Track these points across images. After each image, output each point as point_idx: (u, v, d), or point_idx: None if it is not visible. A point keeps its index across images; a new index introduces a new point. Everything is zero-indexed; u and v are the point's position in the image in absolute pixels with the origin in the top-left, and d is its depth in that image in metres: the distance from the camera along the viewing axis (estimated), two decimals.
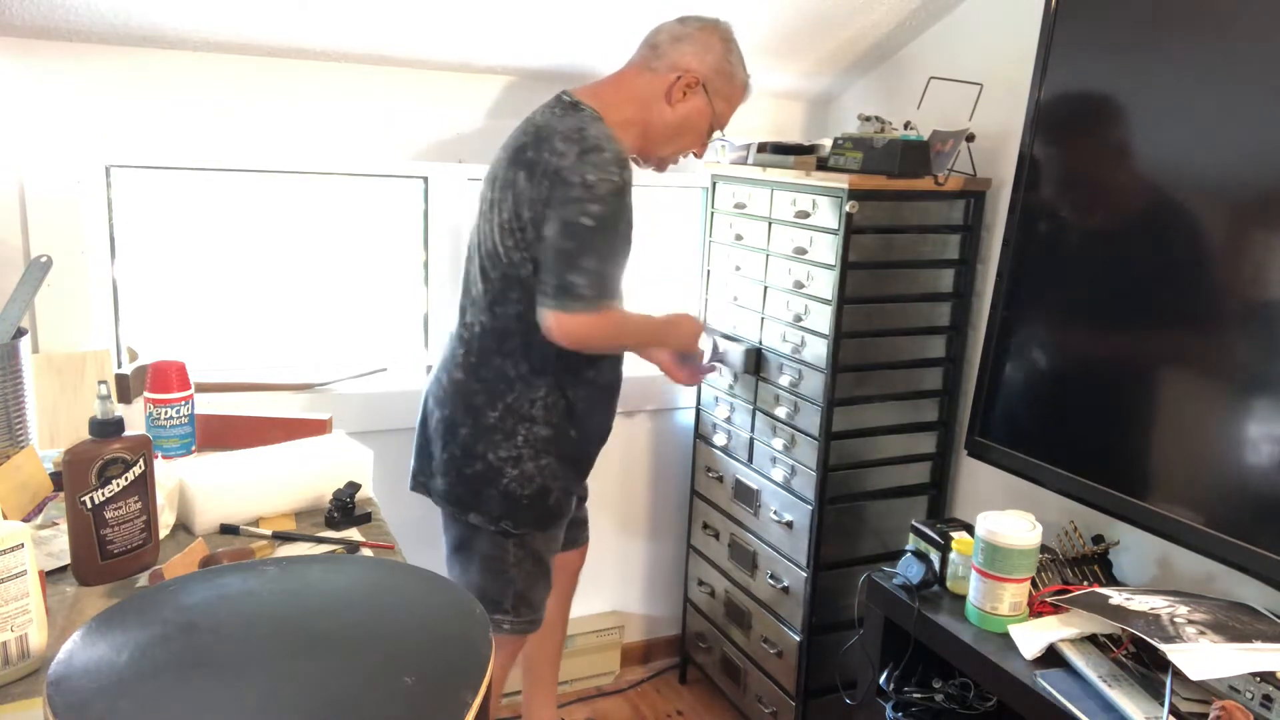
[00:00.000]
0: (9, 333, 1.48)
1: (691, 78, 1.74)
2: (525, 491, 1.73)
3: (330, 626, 0.82)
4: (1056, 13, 1.84)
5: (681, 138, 1.79)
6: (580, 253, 1.59)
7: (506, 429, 1.72)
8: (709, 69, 1.75)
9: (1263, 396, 1.50)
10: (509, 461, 1.72)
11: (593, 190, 1.58)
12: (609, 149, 1.61)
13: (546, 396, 1.73)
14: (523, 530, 1.77)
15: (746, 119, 2.55)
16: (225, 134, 2.04)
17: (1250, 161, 1.52)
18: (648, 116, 1.75)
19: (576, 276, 1.60)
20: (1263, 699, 1.31)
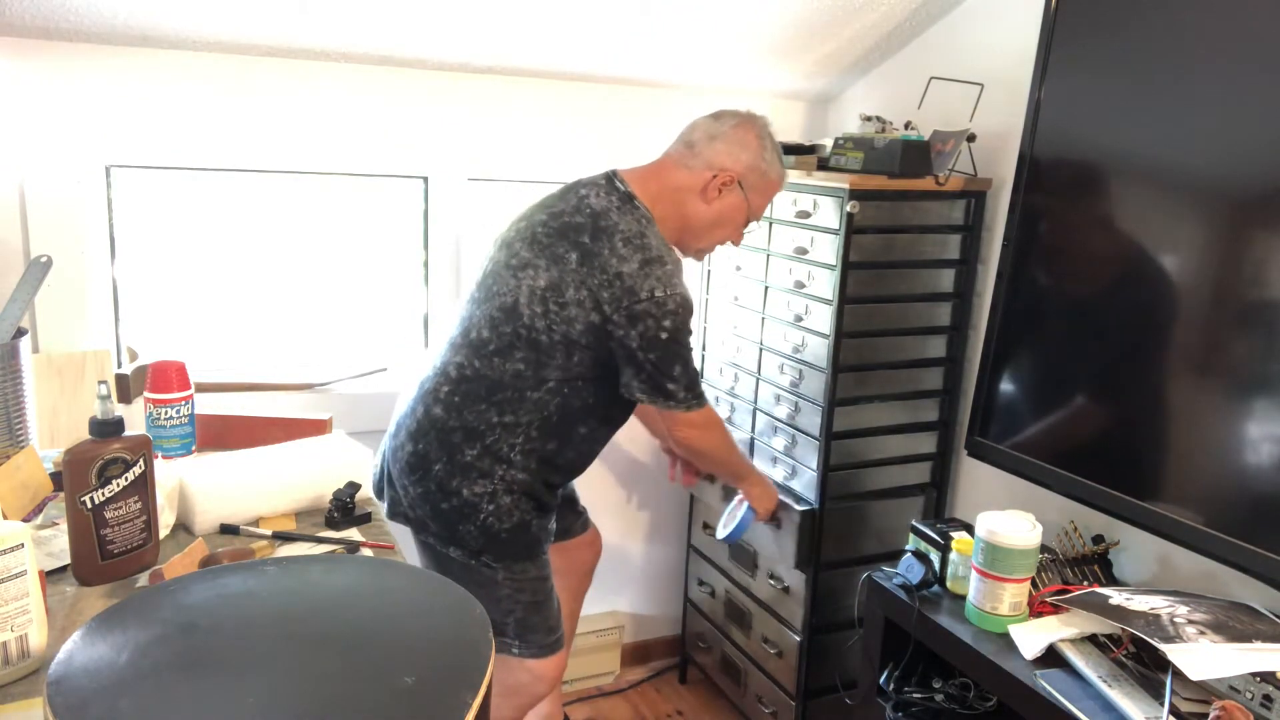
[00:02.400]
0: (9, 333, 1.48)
1: (727, 176, 1.75)
2: (504, 525, 1.70)
3: (330, 626, 0.82)
4: (1056, 13, 1.83)
5: (717, 230, 1.81)
6: (668, 363, 1.68)
7: (483, 468, 1.68)
8: (744, 166, 1.76)
9: (1262, 396, 1.50)
10: (484, 497, 1.68)
11: (664, 306, 1.64)
12: (669, 260, 1.68)
13: (526, 445, 1.70)
14: (503, 562, 1.72)
15: None
16: (225, 134, 2.04)
17: (1251, 160, 1.52)
18: (685, 212, 1.78)
19: (672, 385, 1.70)
20: (1263, 699, 1.31)
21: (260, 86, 2.05)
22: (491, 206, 2.42)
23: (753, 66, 2.39)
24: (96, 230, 2.03)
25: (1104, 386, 1.75)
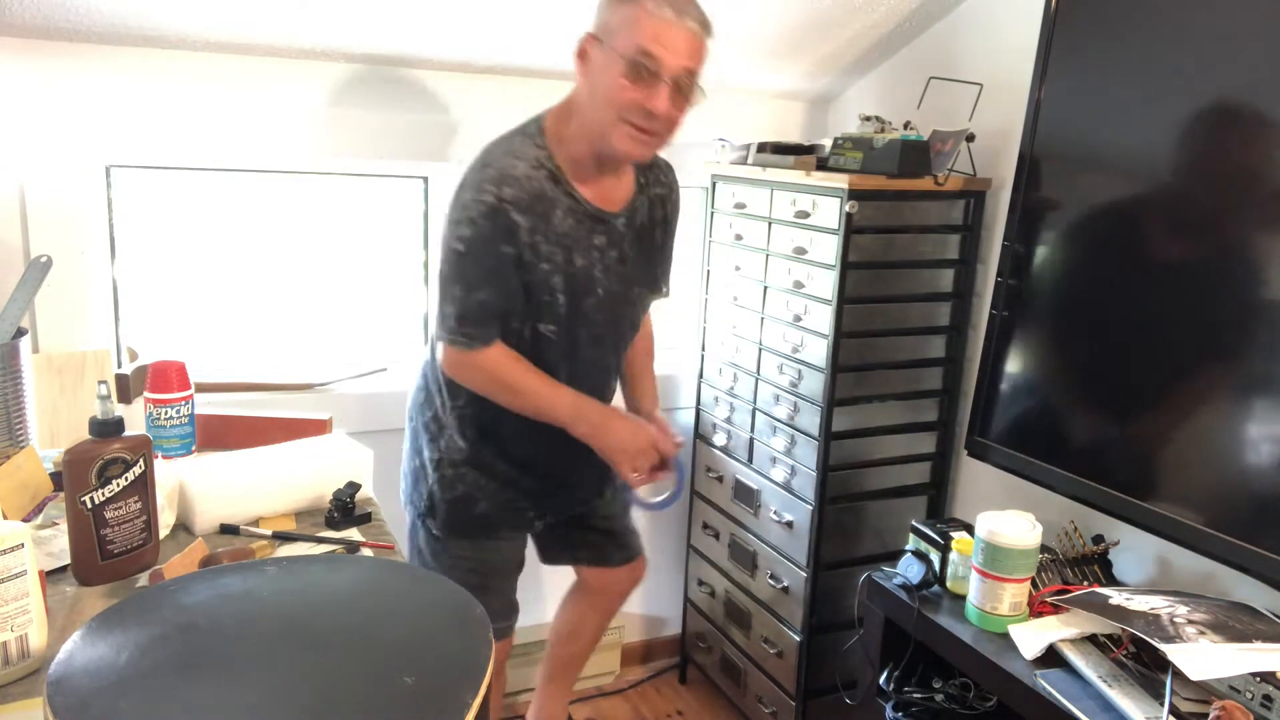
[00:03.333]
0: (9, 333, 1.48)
1: (584, 41, 1.52)
2: (447, 496, 1.69)
3: (330, 626, 0.82)
4: (1056, 13, 1.83)
5: (603, 105, 1.48)
6: (446, 280, 1.51)
7: (432, 432, 1.71)
8: (598, 23, 1.51)
9: (1262, 396, 1.50)
10: (433, 463, 1.70)
11: (467, 210, 1.47)
12: (497, 165, 1.49)
13: (460, 413, 1.67)
14: (442, 534, 1.71)
15: (746, 119, 2.56)
16: (225, 134, 2.04)
17: (1250, 161, 1.52)
18: (577, 112, 1.56)
19: (445, 306, 1.53)
20: (1263, 699, 1.31)
21: (260, 86, 2.05)
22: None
23: (752, 66, 2.39)
24: (96, 230, 2.03)
25: (1104, 386, 1.75)
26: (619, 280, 1.66)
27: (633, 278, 1.70)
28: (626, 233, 1.66)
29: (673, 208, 1.77)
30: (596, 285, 1.63)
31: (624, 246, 1.66)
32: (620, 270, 1.66)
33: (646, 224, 1.71)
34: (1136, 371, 1.69)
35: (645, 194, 1.70)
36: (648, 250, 1.73)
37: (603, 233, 1.62)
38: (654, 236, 1.74)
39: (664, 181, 1.75)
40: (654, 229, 1.73)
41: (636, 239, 1.69)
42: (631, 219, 1.67)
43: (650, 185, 1.71)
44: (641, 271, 1.72)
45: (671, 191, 1.76)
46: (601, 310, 1.65)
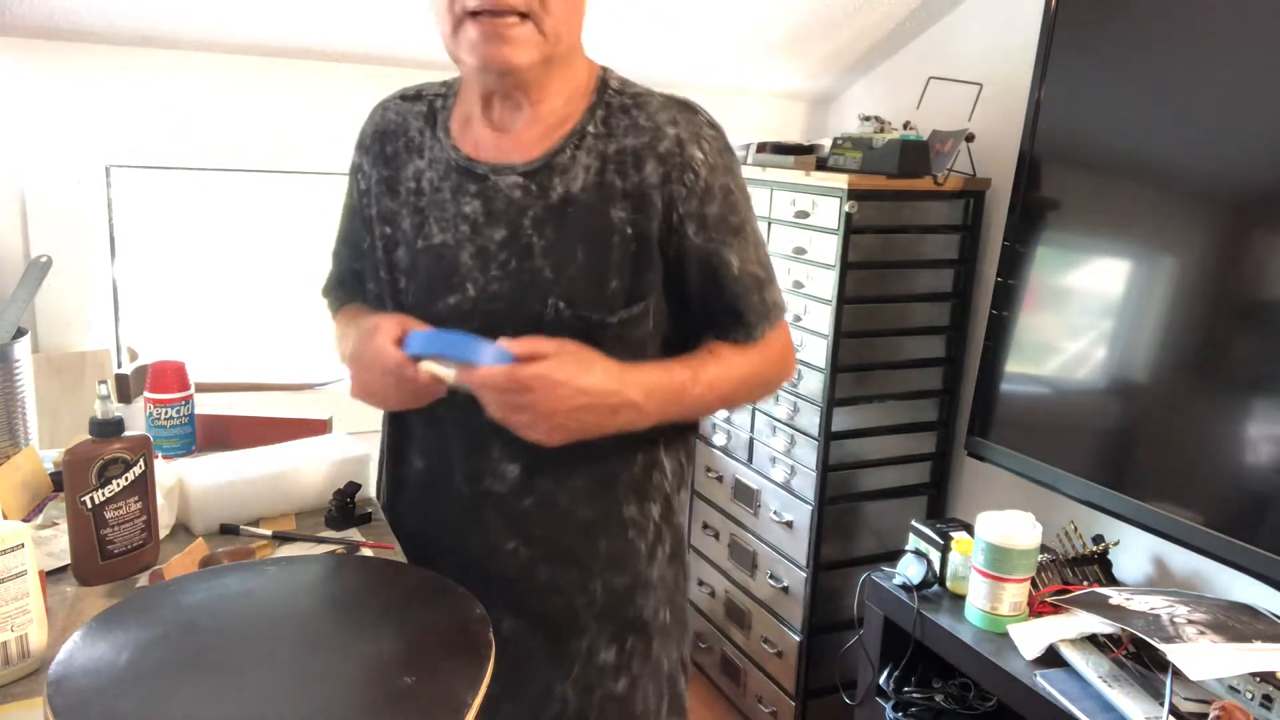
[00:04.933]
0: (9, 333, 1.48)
1: None
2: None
3: (330, 626, 0.82)
4: (1056, 13, 1.83)
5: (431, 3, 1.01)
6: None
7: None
8: None
9: (1262, 396, 1.50)
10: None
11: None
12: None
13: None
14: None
15: (746, 118, 2.56)
16: (225, 134, 2.04)
17: (1250, 161, 1.52)
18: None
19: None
20: (1263, 699, 1.31)
21: (260, 86, 2.05)
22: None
23: (752, 66, 2.39)
24: (96, 230, 2.03)
25: (1104, 386, 1.75)
26: (509, 279, 1.02)
27: (541, 281, 1.01)
28: (529, 202, 1.02)
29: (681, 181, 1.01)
30: (461, 279, 1.04)
31: (523, 224, 1.02)
32: (515, 263, 1.02)
33: (593, 196, 1.01)
34: (1136, 371, 1.69)
35: (595, 145, 1.02)
36: (594, 242, 1.01)
37: (476, 196, 1.03)
38: (609, 220, 1.01)
39: (648, 126, 1.01)
40: (610, 205, 1.01)
41: (560, 217, 1.01)
42: (546, 180, 1.02)
43: (614, 131, 1.02)
44: (569, 274, 1.01)
45: (670, 146, 1.01)
46: (468, 322, 1.03)
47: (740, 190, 1.07)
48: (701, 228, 1.03)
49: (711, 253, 1.04)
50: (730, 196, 1.04)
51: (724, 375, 1.07)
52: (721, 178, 1.03)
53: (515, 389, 0.92)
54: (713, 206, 1.03)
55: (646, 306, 1.04)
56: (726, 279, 1.05)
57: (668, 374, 1.02)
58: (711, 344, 1.09)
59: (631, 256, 1.02)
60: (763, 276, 1.09)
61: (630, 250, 1.02)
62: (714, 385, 1.06)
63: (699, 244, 1.03)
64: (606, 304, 1.02)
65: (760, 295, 1.08)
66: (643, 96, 1.05)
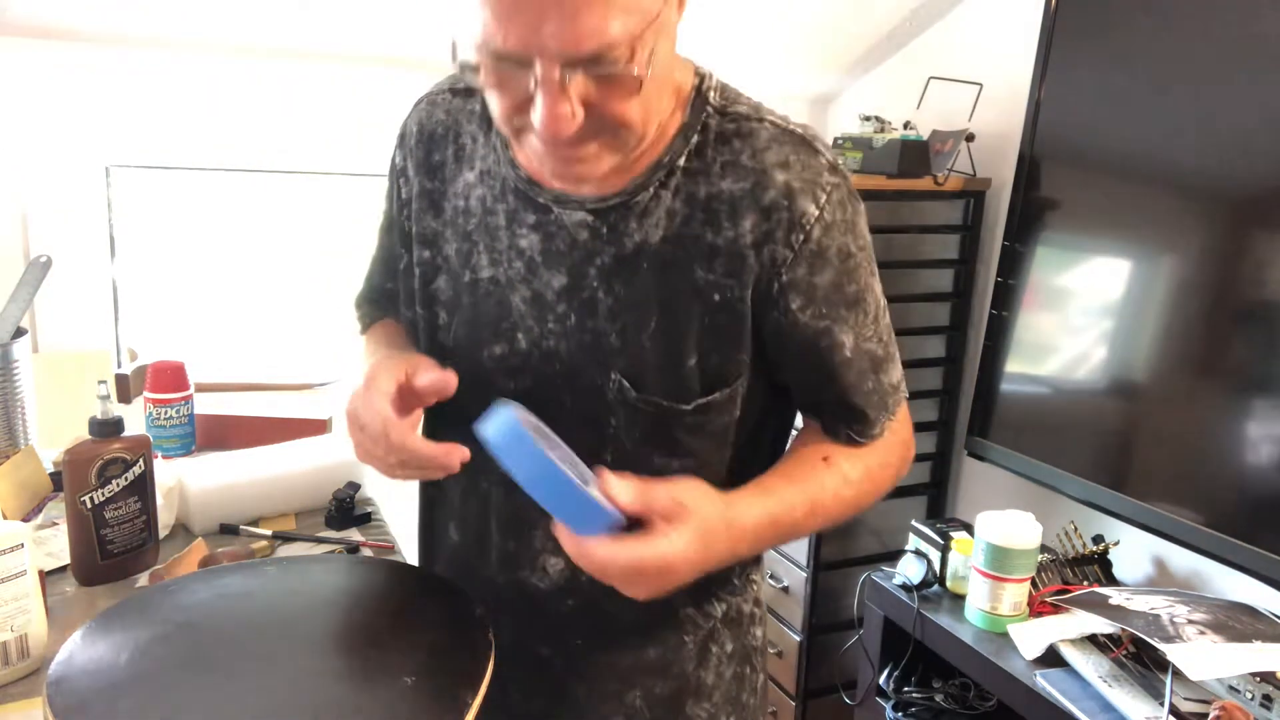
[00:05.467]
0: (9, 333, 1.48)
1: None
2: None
3: (330, 626, 0.82)
4: (1056, 13, 1.83)
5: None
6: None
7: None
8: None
9: (1262, 396, 1.50)
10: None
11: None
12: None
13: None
14: None
15: None
16: (225, 134, 2.04)
17: (1250, 161, 1.52)
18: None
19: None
20: (1263, 699, 1.31)
21: (260, 86, 2.05)
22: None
23: (752, 66, 2.39)
24: (96, 230, 2.03)
25: (1104, 386, 1.75)
26: (568, 338, 0.85)
27: (605, 347, 0.84)
28: (598, 247, 0.83)
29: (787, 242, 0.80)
30: (512, 326, 0.87)
31: (588, 273, 0.83)
32: (574, 319, 0.84)
33: (675, 250, 0.81)
34: (1136, 371, 1.69)
35: (685, 184, 0.81)
36: (672, 308, 0.82)
37: (535, 228, 0.85)
38: (693, 282, 0.81)
39: (752, 166, 0.80)
40: (694, 264, 0.81)
41: (633, 271, 0.82)
42: (620, 223, 0.82)
43: (710, 167, 0.81)
44: (638, 345, 0.83)
45: (776, 197, 0.80)
46: (518, 379, 0.87)
47: (862, 251, 0.85)
48: (809, 301, 0.82)
49: (820, 332, 0.83)
50: (849, 261, 0.83)
51: (838, 495, 0.87)
52: (840, 238, 0.82)
53: (631, 576, 0.73)
54: (825, 274, 0.81)
55: (732, 393, 0.84)
56: (837, 363, 0.85)
57: (780, 508, 0.83)
58: (823, 446, 0.89)
59: (717, 330, 0.82)
60: (880, 355, 0.88)
61: (717, 322, 0.82)
62: (827, 510, 0.87)
63: (804, 320, 0.82)
64: (681, 387, 0.83)
65: (878, 379, 0.88)
66: (748, 123, 0.82)
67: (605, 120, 0.72)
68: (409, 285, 0.94)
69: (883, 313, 0.89)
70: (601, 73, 0.69)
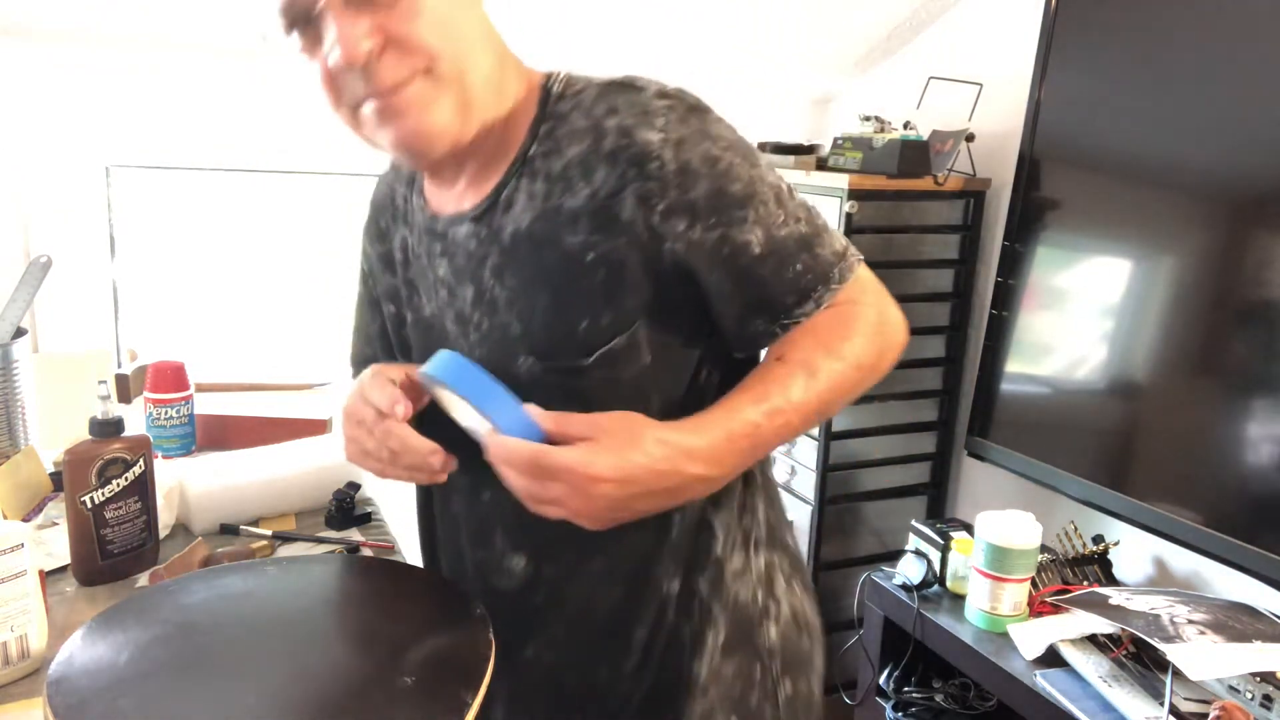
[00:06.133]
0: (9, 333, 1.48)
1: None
2: None
3: (330, 626, 0.82)
4: (1056, 13, 1.83)
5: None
6: None
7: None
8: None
9: (1262, 396, 1.50)
10: None
11: None
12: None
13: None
14: None
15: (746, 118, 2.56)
16: (225, 134, 2.04)
17: (1250, 161, 1.52)
18: None
19: None
20: (1263, 699, 1.31)
21: (260, 86, 2.05)
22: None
23: (752, 66, 2.39)
24: (96, 230, 2.03)
25: (1104, 386, 1.75)
26: (484, 342, 0.89)
27: (510, 337, 0.86)
28: (484, 249, 0.87)
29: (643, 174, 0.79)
30: (453, 346, 0.91)
31: (484, 276, 0.87)
32: (486, 323, 0.88)
33: (544, 226, 0.83)
34: (1136, 371, 1.69)
35: (542, 165, 0.84)
36: (553, 280, 0.84)
37: (443, 255, 0.91)
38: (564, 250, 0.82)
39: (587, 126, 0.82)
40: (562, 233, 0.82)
41: (516, 259, 0.85)
42: (496, 220, 0.86)
43: (559, 144, 0.83)
44: (536, 324, 0.85)
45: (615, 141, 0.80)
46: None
47: (731, 148, 0.82)
48: (694, 218, 0.80)
49: (718, 241, 0.81)
50: (717, 165, 0.80)
51: (805, 386, 0.81)
52: (696, 148, 0.80)
53: (540, 476, 0.73)
54: (699, 187, 0.80)
55: (631, 338, 0.83)
56: (749, 263, 0.82)
57: (733, 420, 0.79)
58: (774, 349, 0.85)
59: (600, 286, 0.81)
60: (805, 232, 0.84)
61: (596, 280, 0.81)
62: (796, 405, 0.80)
63: (698, 238, 0.80)
64: (580, 348, 0.83)
65: (813, 255, 0.84)
66: (580, 93, 0.85)
67: (402, 45, 0.77)
68: (386, 344, 1.03)
69: (788, 195, 0.86)
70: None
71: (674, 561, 0.89)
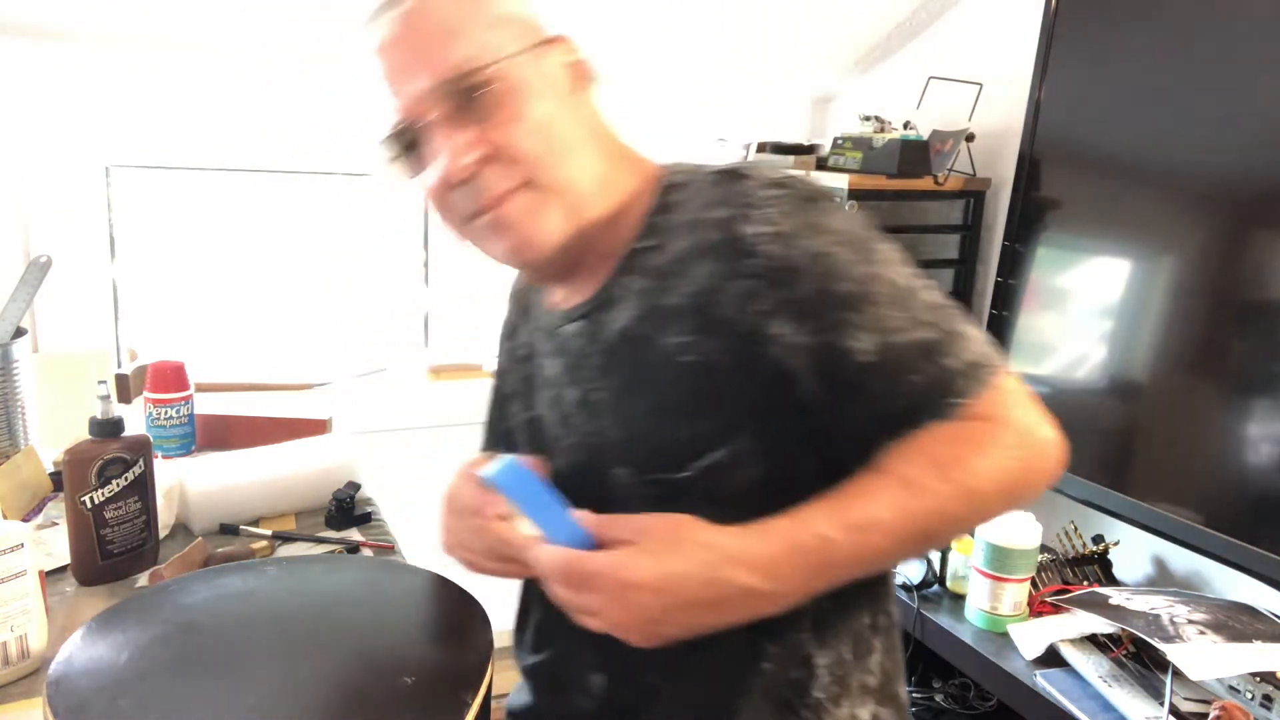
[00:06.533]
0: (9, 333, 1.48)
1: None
2: None
3: (330, 626, 0.82)
4: (1056, 13, 1.83)
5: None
6: None
7: None
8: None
9: (1262, 396, 1.50)
10: None
11: None
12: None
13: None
14: None
15: (746, 119, 2.56)
16: (225, 134, 2.04)
17: (1250, 160, 1.52)
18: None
19: None
20: (1263, 699, 1.31)
21: (260, 86, 2.05)
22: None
23: (752, 66, 2.39)
24: (96, 230, 2.03)
25: (1104, 386, 1.75)
26: (582, 447, 0.86)
27: (609, 444, 0.83)
28: (590, 348, 0.85)
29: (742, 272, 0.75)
30: (550, 453, 0.88)
31: (588, 377, 0.85)
32: (588, 426, 0.85)
33: (644, 326, 0.80)
34: (1136, 371, 1.69)
35: (647, 260, 0.81)
36: (652, 384, 0.80)
37: (555, 353, 0.89)
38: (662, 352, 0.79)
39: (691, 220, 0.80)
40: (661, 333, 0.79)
41: (618, 360, 0.83)
42: (602, 317, 0.84)
43: (665, 239, 0.81)
44: (636, 431, 0.81)
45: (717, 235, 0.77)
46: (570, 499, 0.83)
47: (843, 243, 0.75)
48: (797, 320, 0.73)
49: (823, 347, 0.73)
50: (825, 261, 0.74)
51: (899, 505, 0.70)
52: (802, 242, 0.74)
53: (577, 583, 0.69)
54: (802, 286, 0.73)
55: (735, 451, 0.77)
56: (860, 373, 0.73)
57: (801, 530, 0.70)
58: (883, 458, 0.74)
59: (699, 390, 0.77)
60: (930, 338, 0.74)
61: (697, 384, 0.77)
62: (883, 526, 0.70)
63: (802, 342, 0.74)
64: (678, 458, 0.78)
65: (933, 363, 0.73)
66: (684, 185, 0.81)
67: (503, 156, 0.76)
68: (512, 440, 0.98)
69: (911, 294, 0.76)
70: (465, 88, 0.75)
71: (765, 699, 0.80)
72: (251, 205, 2.20)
